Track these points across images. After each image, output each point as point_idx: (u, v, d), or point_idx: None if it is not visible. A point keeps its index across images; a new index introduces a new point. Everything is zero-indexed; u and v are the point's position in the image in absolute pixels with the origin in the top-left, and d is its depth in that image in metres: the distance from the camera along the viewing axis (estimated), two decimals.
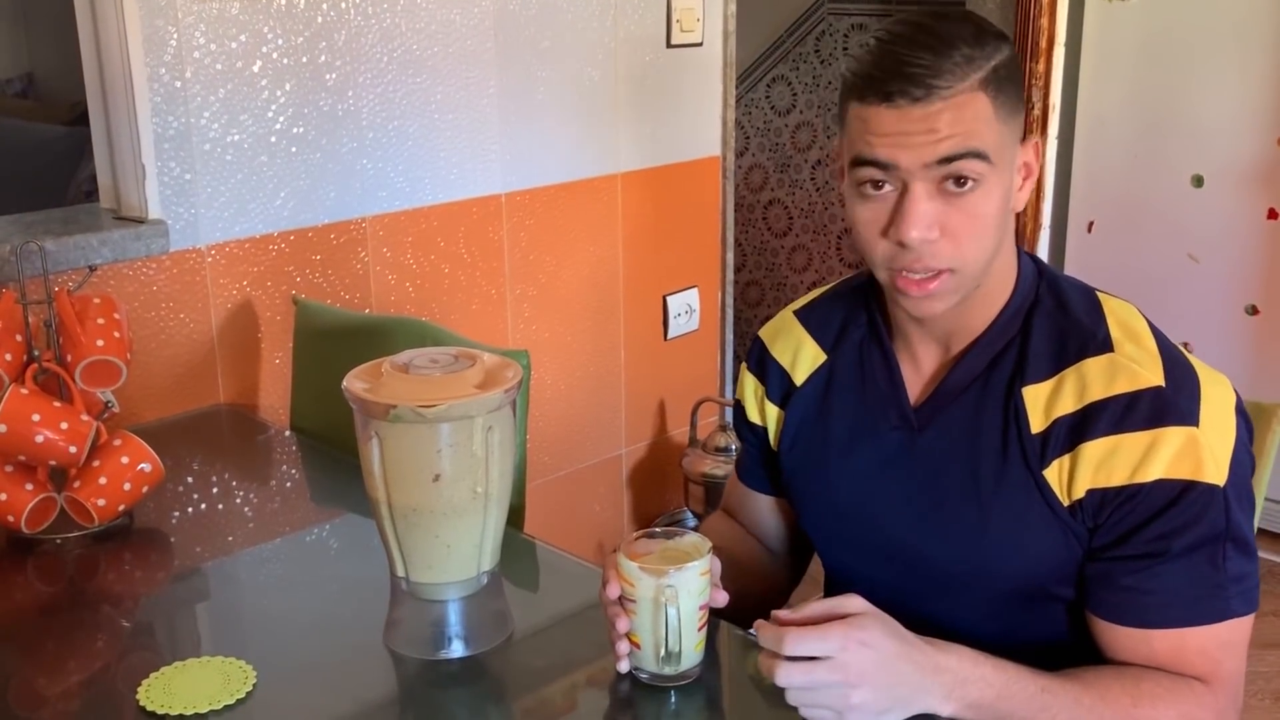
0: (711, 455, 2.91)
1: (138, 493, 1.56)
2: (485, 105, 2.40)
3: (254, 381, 2.18)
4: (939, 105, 1.14)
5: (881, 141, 1.16)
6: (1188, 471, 1.16)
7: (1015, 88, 1.20)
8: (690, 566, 1.16)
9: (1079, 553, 1.22)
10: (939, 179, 1.16)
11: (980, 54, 1.16)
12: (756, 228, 4.15)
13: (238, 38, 2.04)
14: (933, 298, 1.21)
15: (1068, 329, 1.24)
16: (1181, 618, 1.17)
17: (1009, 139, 1.19)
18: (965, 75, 1.15)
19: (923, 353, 1.31)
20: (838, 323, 1.39)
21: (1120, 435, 1.17)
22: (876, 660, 1.07)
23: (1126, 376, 1.19)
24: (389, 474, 1.18)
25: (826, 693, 1.07)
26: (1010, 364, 1.25)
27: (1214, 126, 3.10)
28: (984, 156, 1.16)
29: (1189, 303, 3.14)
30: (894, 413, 1.32)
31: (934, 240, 1.17)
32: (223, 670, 1.23)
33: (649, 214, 2.77)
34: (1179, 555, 1.16)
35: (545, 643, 1.33)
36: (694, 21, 2.73)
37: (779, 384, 1.43)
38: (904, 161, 1.16)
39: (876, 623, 1.10)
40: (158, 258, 2.01)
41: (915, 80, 1.14)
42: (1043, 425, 1.21)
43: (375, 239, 2.29)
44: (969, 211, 1.17)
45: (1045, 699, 1.12)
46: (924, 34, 1.16)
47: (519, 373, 1.23)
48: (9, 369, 1.49)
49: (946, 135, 1.14)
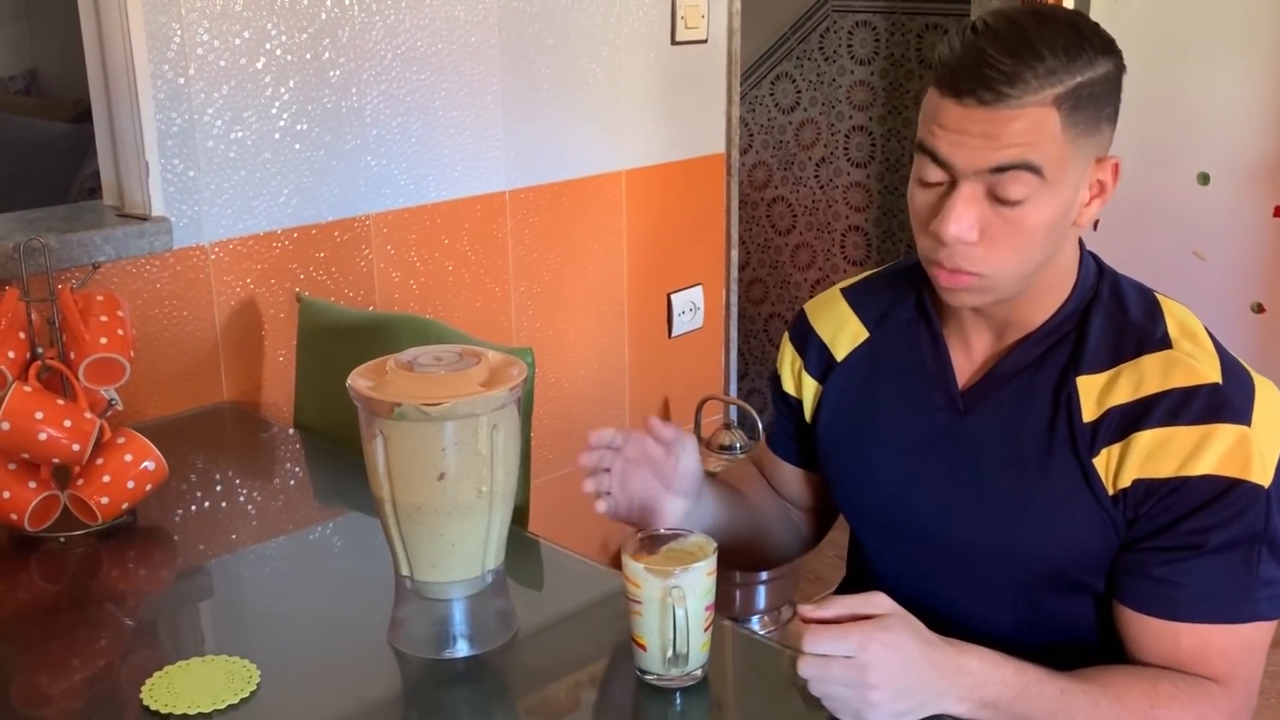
0: (716, 454, 2.90)
1: (141, 491, 1.56)
2: (489, 102, 2.39)
3: (257, 379, 2.17)
4: (1006, 113, 1.13)
5: (943, 135, 1.16)
6: (1235, 469, 1.16)
7: (1098, 107, 1.17)
8: (696, 567, 1.15)
9: (1114, 543, 1.22)
10: (990, 185, 1.15)
11: (1067, 68, 1.13)
12: (760, 225, 4.14)
13: (241, 34, 2.04)
14: (960, 291, 1.22)
15: (1126, 326, 1.25)
16: (1210, 614, 1.17)
17: (1076, 157, 1.17)
18: (1041, 89, 1.12)
19: (976, 339, 1.31)
20: (883, 303, 1.40)
21: (1174, 428, 1.17)
22: (897, 662, 1.07)
23: (1183, 371, 1.19)
24: (393, 472, 1.18)
25: (844, 689, 1.07)
26: (1065, 355, 1.25)
27: (1220, 124, 3.09)
28: (1038, 171, 1.14)
29: (1195, 300, 3.09)
30: (940, 394, 1.32)
31: (971, 243, 1.17)
32: (226, 669, 1.23)
33: (653, 211, 2.77)
34: (1214, 551, 1.16)
35: (550, 641, 1.33)
36: (699, 18, 2.72)
37: (819, 358, 1.43)
38: (958, 161, 1.16)
39: (900, 624, 1.10)
40: (161, 255, 2.00)
41: (988, 83, 1.12)
42: (1095, 414, 1.21)
43: (379, 236, 2.28)
44: (1014, 222, 1.16)
45: (1064, 700, 1.12)
46: (1015, 35, 1.14)
47: (524, 370, 1.22)
48: (12, 366, 1.49)
49: (1005, 145, 1.13)
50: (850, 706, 1.08)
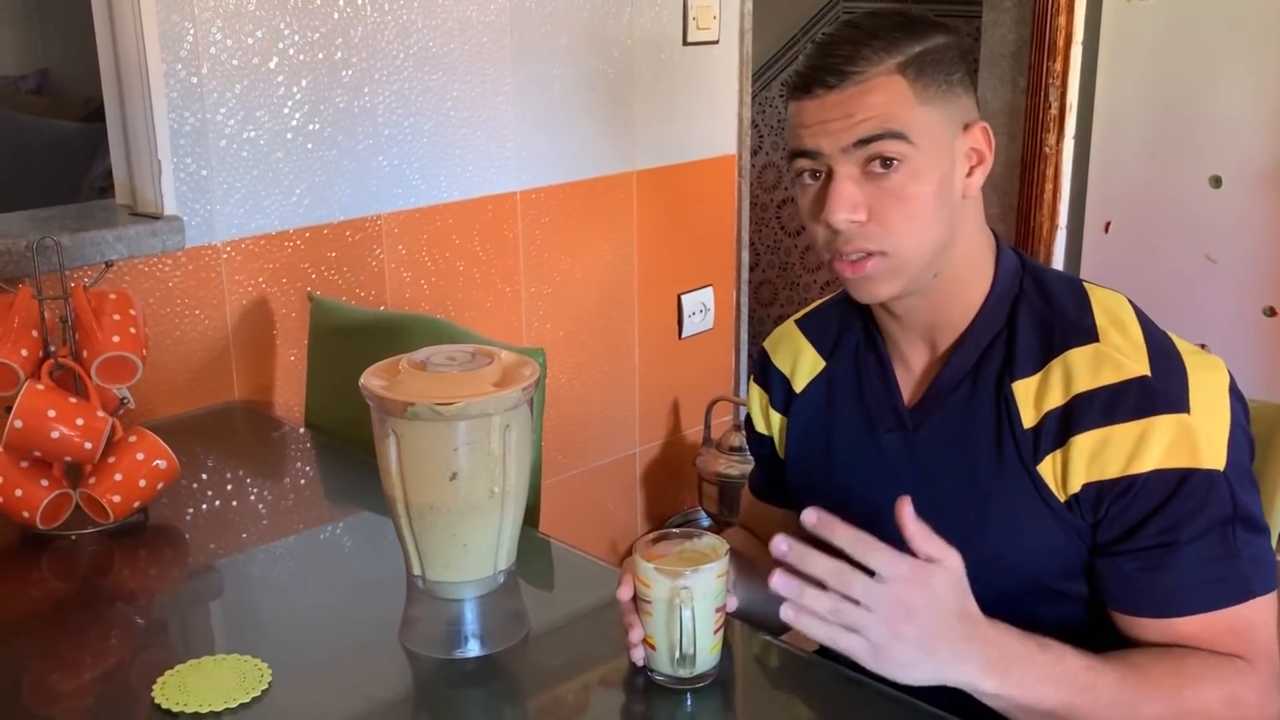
0: (725, 455, 2.90)
1: (153, 489, 1.56)
2: (501, 102, 2.39)
3: (269, 378, 2.17)
4: (853, 90, 1.18)
5: (806, 132, 1.21)
6: (1184, 459, 1.14)
7: (947, 73, 1.21)
8: (707, 568, 1.15)
9: (1082, 548, 1.20)
10: (862, 161, 1.19)
11: (902, 40, 1.19)
12: (770, 227, 4.14)
13: (254, 33, 2.04)
14: (870, 280, 1.23)
15: (1053, 320, 1.24)
16: (1203, 602, 1.15)
17: (937, 122, 1.20)
18: (880, 60, 1.18)
19: (911, 353, 1.31)
20: (834, 330, 1.40)
21: (1111, 426, 1.16)
22: (934, 607, 1.05)
23: (1111, 367, 1.18)
24: (406, 472, 1.18)
25: (867, 617, 1.03)
26: (999, 358, 1.25)
27: (1232, 126, 3.08)
28: (902, 137, 1.18)
29: (1206, 304, 3.12)
30: (890, 414, 1.32)
31: (861, 221, 1.20)
32: (238, 668, 1.23)
33: (664, 212, 2.76)
34: (1189, 543, 1.15)
35: (560, 642, 1.33)
36: (710, 19, 2.72)
37: (781, 391, 1.44)
38: (825, 146, 1.20)
39: (953, 576, 1.07)
40: (173, 254, 2.01)
41: (831, 69, 1.19)
42: (1034, 420, 1.21)
43: (390, 236, 2.28)
44: (895, 193, 1.19)
45: (1090, 677, 1.10)
46: (849, 28, 1.22)
47: (536, 371, 1.22)
48: (25, 365, 1.49)
49: (862, 118, 1.18)
50: (870, 638, 1.03)
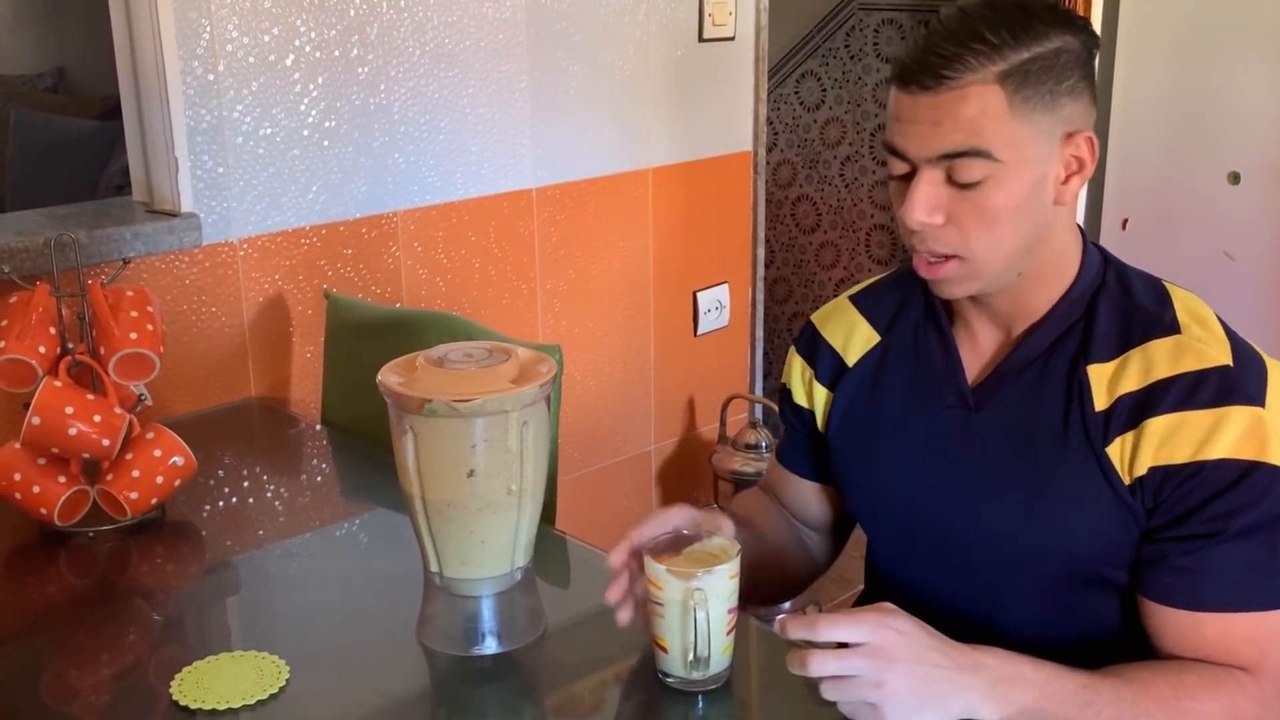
0: (741, 452, 2.90)
1: (170, 486, 1.56)
2: (517, 99, 2.39)
3: (285, 375, 2.18)
4: (948, 97, 1.15)
5: (897, 127, 1.20)
6: (1253, 452, 1.14)
7: (1054, 80, 1.16)
8: (719, 569, 1.14)
9: (1134, 534, 1.20)
10: (947, 169, 1.17)
11: (1013, 44, 1.14)
12: (785, 224, 4.13)
13: (270, 31, 2.04)
14: (945, 282, 1.23)
15: (1133, 312, 1.24)
16: (1233, 601, 1.15)
17: (1032, 135, 1.16)
18: (980, 67, 1.14)
19: (983, 334, 1.31)
20: (893, 305, 1.40)
21: (1185, 412, 1.16)
22: (909, 647, 1.06)
23: (1193, 355, 1.18)
24: (423, 469, 1.18)
25: (860, 682, 1.05)
26: (1074, 344, 1.25)
27: (1251, 122, 3.06)
28: (987, 155, 1.15)
29: (1225, 300, 3.08)
30: (950, 392, 1.31)
31: (938, 225, 1.19)
32: (255, 665, 1.23)
33: (680, 209, 2.76)
34: (1236, 536, 1.14)
35: (577, 639, 1.33)
36: (726, 15, 2.72)
37: (830, 365, 1.43)
38: (911, 149, 1.19)
39: (909, 617, 1.09)
40: (190, 251, 2.01)
41: (929, 69, 1.15)
42: (1106, 403, 1.20)
43: (406, 233, 2.28)
44: (977, 204, 1.17)
45: (1087, 695, 1.10)
46: (960, 23, 1.16)
47: (553, 368, 1.22)
48: (43, 361, 1.49)
49: (950, 130, 1.15)
50: (869, 700, 1.05)
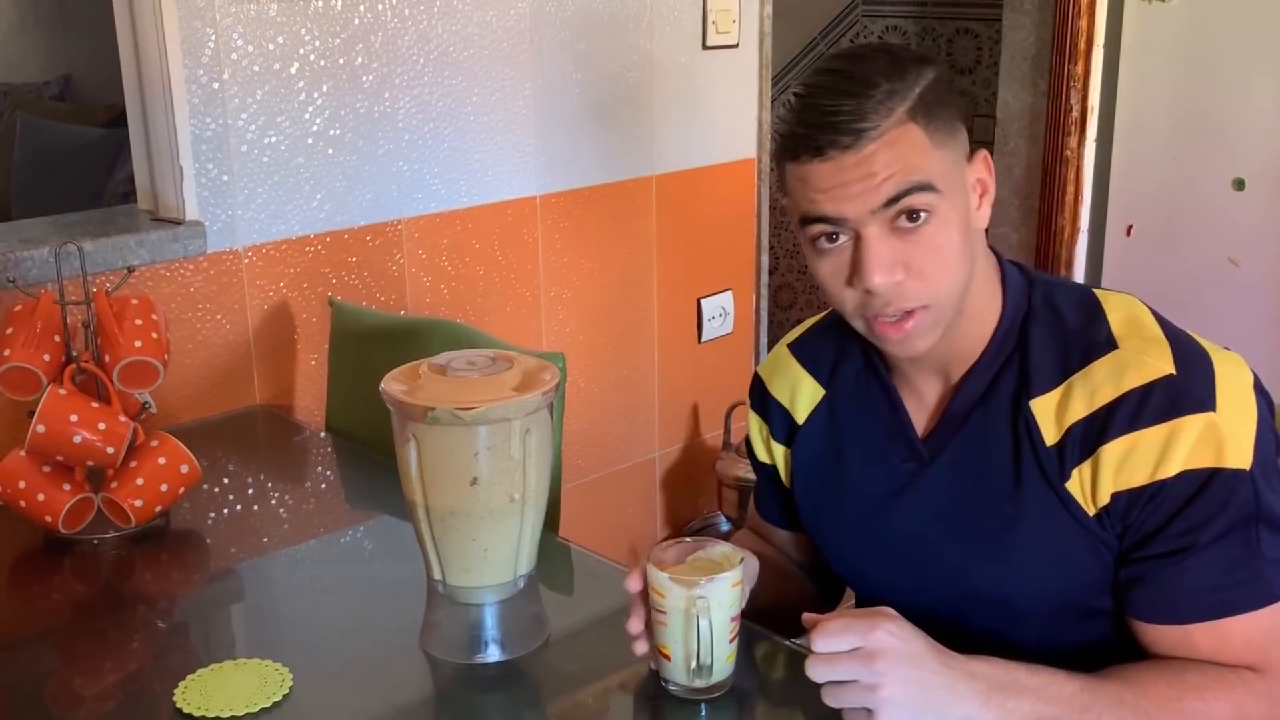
0: (745, 459, 2.90)
1: (174, 494, 1.56)
2: (521, 107, 2.40)
3: (290, 383, 2.18)
4: (871, 147, 1.13)
5: (824, 197, 1.15)
6: (1210, 459, 1.13)
7: (948, 109, 1.17)
8: (722, 577, 1.14)
9: (1110, 563, 1.19)
10: (890, 219, 1.15)
11: (901, 84, 1.14)
12: (789, 231, 4.13)
13: (275, 39, 2.05)
14: (913, 337, 1.20)
15: (1068, 336, 1.22)
16: (1219, 608, 1.14)
17: (952, 162, 1.17)
18: (890, 111, 1.13)
19: (922, 384, 1.29)
20: (830, 356, 1.37)
21: (1137, 432, 1.14)
22: (904, 652, 1.06)
23: (1135, 370, 1.16)
24: (426, 476, 1.18)
25: (857, 687, 1.05)
26: (1012, 379, 1.23)
27: (1255, 128, 3.06)
28: (930, 188, 1.14)
29: (1229, 307, 3.10)
30: (901, 445, 1.29)
31: (900, 281, 1.16)
32: (259, 672, 1.23)
33: (684, 216, 2.76)
34: (1209, 545, 1.13)
35: (580, 647, 1.33)
36: (730, 23, 2.72)
37: (782, 423, 1.41)
38: (850, 212, 1.15)
39: (905, 622, 1.08)
40: (195, 259, 2.01)
41: (841, 128, 1.13)
42: (1057, 436, 1.18)
43: (411, 241, 2.29)
44: (928, 245, 1.15)
45: (1085, 698, 1.09)
46: (840, 79, 1.15)
47: (556, 375, 1.22)
48: (47, 369, 1.50)
49: (886, 176, 1.13)
50: (865, 704, 1.05)
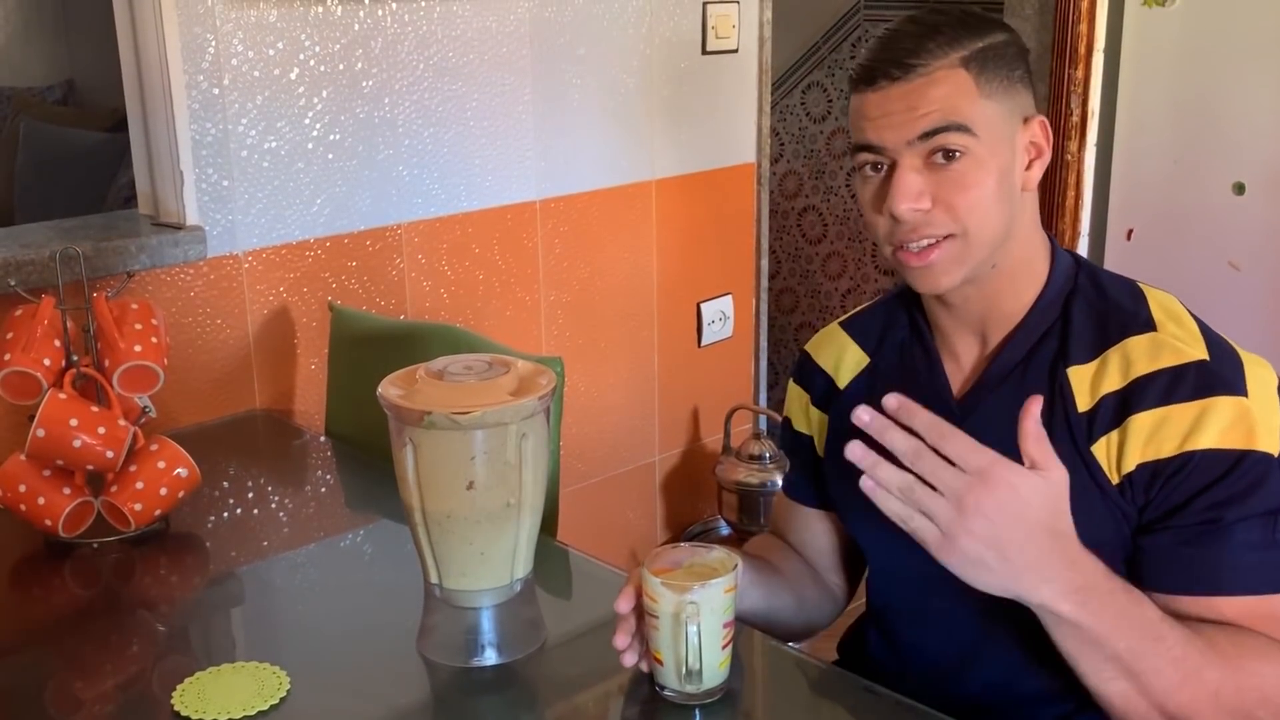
0: (745, 463, 2.90)
1: (174, 498, 1.57)
2: (521, 112, 2.40)
3: (289, 387, 2.18)
4: (918, 82, 1.20)
5: (870, 125, 1.22)
6: (1240, 440, 1.15)
7: (1008, 69, 1.23)
8: (714, 583, 1.14)
9: (1126, 534, 1.20)
10: (926, 154, 1.21)
11: (965, 35, 1.21)
12: (791, 235, 4.13)
13: (275, 45, 2.05)
14: (934, 268, 1.23)
15: (1108, 312, 1.25)
16: (1244, 585, 1.14)
17: (999, 115, 1.22)
18: (944, 54, 1.20)
19: (961, 347, 1.32)
20: (879, 326, 1.42)
21: (1169, 406, 1.17)
22: (1012, 507, 1.05)
23: (1171, 352, 1.19)
24: (423, 480, 1.18)
25: (939, 499, 1.05)
26: (1052, 348, 1.26)
27: (1256, 133, 3.06)
28: (966, 129, 1.20)
29: (1230, 311, 3.10)
30: (936, 405, 1.29)
31: (926, 209, 1.21)
32: (256, 676, 1.24)
33: (684, 221, 2.77)
34: (1234, 524, 1.14)
35: (577, 651, 1.33)
36: (729, 28, 2.73)
37: (823, 389, 1.44)
38: (889, 140, 1.21)
39: (1048, 487, 1.07)
40: (195, 264, 2.02)
41: (895, 62, 1.21)
42: (1089, 404, 1.21)
43: (410, 245, 2.29)
44: (959, 182, 1.20)
45: (1163, 629, 1.10)
46: (912, 24, 1.24)
47: (553, 380, 1.22)
48: (48, 374, 1.50)
49: (926, 111, 1.19)
50: (940, 519, 1.05)
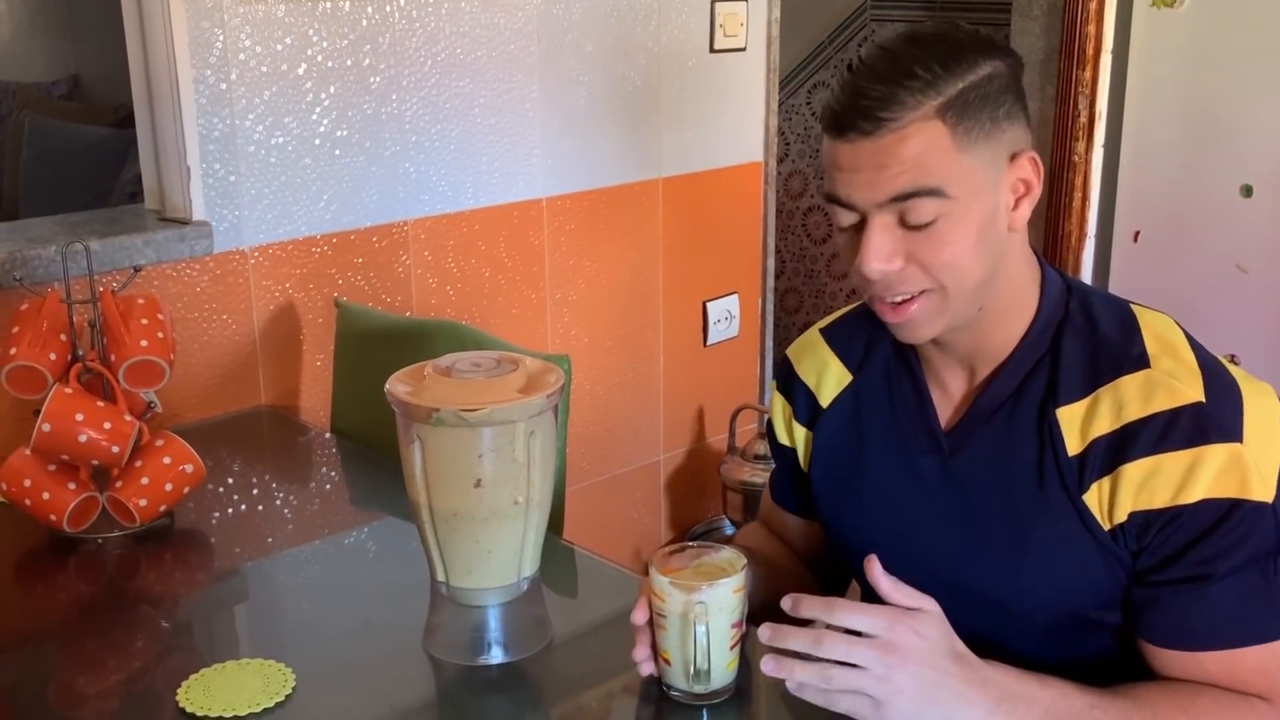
0: (750, 463, 2.89)
1: (179, 493, 1.56)
2: (528, 109, 2.40)
3: (295, 383, 2.18)
4: (889, 139, 1.11)
5: (840, 177, 1.15)
6: (1233, 489, 1.12)
7: (993, 106, 1.14)
8: (723, 583, 1.13)
9: (1122, 578, 1.18)
10: (899, 212, 1.13)
11: (944, 78, 1.11)
12: (795, 234, 4.13)
13: (283, 40, 2.05)
14: (912, 322, 1.19)
15: (1100, 346, 1.20)
16: (1232, 638, 1.13)
17: (979, 165, 1.14)
18: (917, 104, 1.11)
19: (948, 376, 1.28)
20: (862, 343, 1.36)
21: (1161, 455, 1.13)
22: (925, 650, 1.05)
23: (1165, 393, 1.15)
24: (430, 478, 1.18)
25: (867, 675, 1.04)
26: (1041, 384, 1.21)
27: (1263, 135, 3.05)
28: (938, 193, 1.12)
29: (1236, 314, 3.09)
30: (924, 436, 1.28)
31: (898, 269, 1.15)
32: (262, 673, 1.23)
33: (690, 219, 2.76)
34: (1227, 575, 1.12)
35: (583, 650, 1.33)
36: (737, 26, 2.72)
37: (805, 405, 1.40)
38: (858, 198, 1.14)
39: (937, 623, 1.07)
40: (201, 259, 2.02)
41: (865, 113, 1.11)
42: (1079, 447, 1.17)
43: (417, 242, 2.29)
44: (934, 240, 1.14)
45: (1094, 715, 1.09)
46: (886, 61, 1.13)
47: (561, 378, 1.22)
48: (54, 368, 1.50)
49: (896, 172, 1.11)
50: (872, 694, 1.03)
